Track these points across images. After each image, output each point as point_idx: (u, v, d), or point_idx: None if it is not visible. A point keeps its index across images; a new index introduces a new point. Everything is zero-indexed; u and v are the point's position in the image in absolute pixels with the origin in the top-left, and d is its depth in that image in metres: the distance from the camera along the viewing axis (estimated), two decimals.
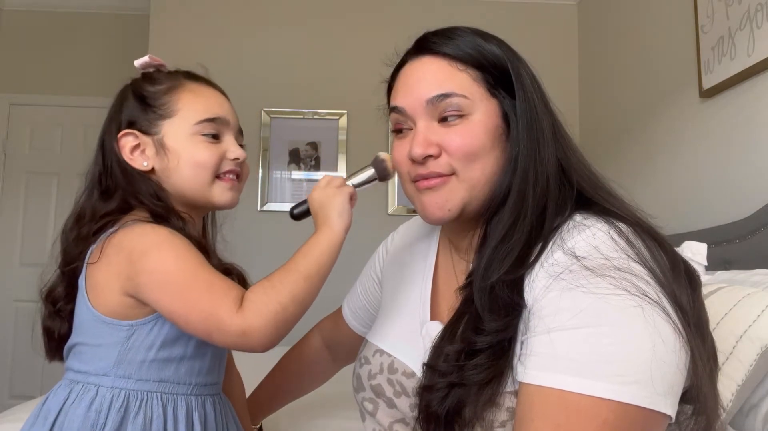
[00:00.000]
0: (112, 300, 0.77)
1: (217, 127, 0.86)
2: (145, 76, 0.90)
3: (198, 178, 0.84)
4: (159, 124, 0.84)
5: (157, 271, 0.74)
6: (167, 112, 0.85)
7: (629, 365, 0.55)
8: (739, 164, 1.79)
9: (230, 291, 0.72)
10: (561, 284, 0.61)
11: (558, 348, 0.58)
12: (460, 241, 0.80)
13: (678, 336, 0.58)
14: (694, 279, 0.67)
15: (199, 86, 0.89)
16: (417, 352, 0.75)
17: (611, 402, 0.54)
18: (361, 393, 0.83)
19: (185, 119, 0.84)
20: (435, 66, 0.73)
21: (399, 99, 0.75)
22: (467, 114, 0.71)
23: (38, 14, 3.58)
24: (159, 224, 0.78)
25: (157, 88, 0.86)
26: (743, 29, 1.73)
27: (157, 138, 0.84)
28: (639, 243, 0.63)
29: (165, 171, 0.84)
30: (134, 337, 0.77)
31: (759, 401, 0.97)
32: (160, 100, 0.85)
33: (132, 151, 0.84)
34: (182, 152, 0.83)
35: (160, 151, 0.84)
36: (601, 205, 0.70)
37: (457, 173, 0.71)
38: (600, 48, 2.91)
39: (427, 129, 0.72)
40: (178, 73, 0.90)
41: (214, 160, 0.84)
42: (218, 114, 0.86)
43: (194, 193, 0.85)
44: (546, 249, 0.66)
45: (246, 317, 0.70)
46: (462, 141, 0.70)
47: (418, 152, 0.71)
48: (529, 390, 0.59)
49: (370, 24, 3.10)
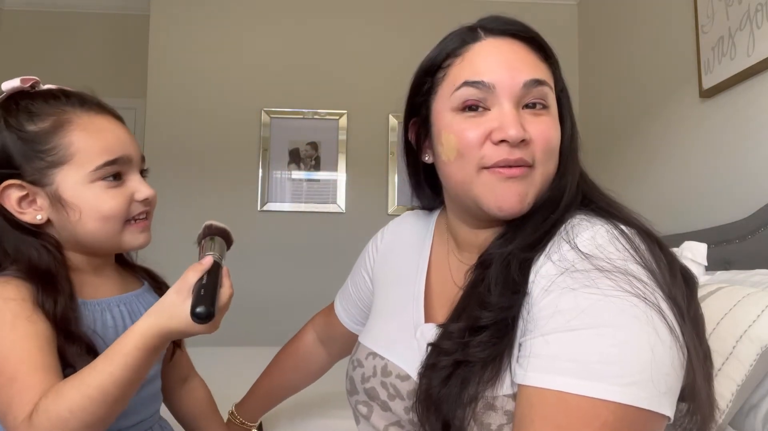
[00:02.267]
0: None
1: (119, 167, 0.76)
2: (16, 102, 0.75)
3: (105, 230, 0.75)
4: (50, 174, 0.73)
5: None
6: (58, 158, 0.73)
7: (629, 366, 0.55)
8: (739, 164, 1.79)
9: (29, 390, 0.62)
10: (561, 284, 0.61)
11: (557, 350, 0.58)
12: (472, 238, 0.77)
13: (675, 337, 0.58)
14: (690, 281, 0.67)
15: (90, 117, 0.76)
16: (411, 355, 0.74)
17: (611, 404, 0.54)
18: (354, 396, 0.82)
19: (81, 166, 0.73)
20: (524, 51, 0.70)
21: (486, 74, 0.67)
22: (549, 106, 0.69)
23: (38, 14, 3.58)
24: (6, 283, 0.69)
25: (39, 126, 0.73)
26: (743, 29, 1.73)
27: (49, 189, 0.73)
28: (639, 244, 0.64)
29: (63, 224, 0.75)
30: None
31: (759, 401, 0.97)
32: (47, 144, 0.72)
33: (19, 203, 0.73)
34: (83, 205, 0.73)
35: (56, 203, 0.73)
36: (601, 206, 0.70)
37: (536, 165, 0.68)
38: (600, 48, 2.91)
39: (518, 114, 0.67)
40: (58, 97, 0.76)
41: (122, 207, 0.76)
42: (119, 153, 0.75)
43: (101, 244, 0.77)
44: (552, 240, 0.66)
45: (32, 428, 0.61)
46: (549, 133, 0.68)
47: (514, 134, 0.65)
48: (529, 392, 0.58)
49: (371, 24, 3.10)
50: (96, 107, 0.78)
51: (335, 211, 3.05)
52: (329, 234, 2.99)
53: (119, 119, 0.80)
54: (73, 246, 0.77)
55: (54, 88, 0.78)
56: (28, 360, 0.64)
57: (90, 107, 0.77)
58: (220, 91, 3.02)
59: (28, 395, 0.62)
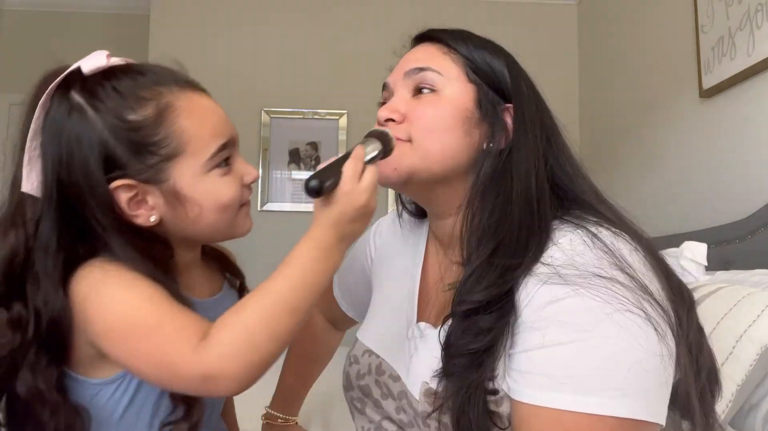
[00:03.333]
0: (76, 355, 0.65)
1: (229, 151, 0.69)
2: (101, 84, 0.64)
3: (223, 221, 0.68)
4: (165, 169, 0.64)
5: (100, 318, 0.60)
6: (171, 150, 0.64)
7: (621, 378, 0.55)
8: (739, 164, 1.79)
9: (184, 329, 0.57)
10: (546, 295, 0.60)
11: (548, 365, 0.57)
12: (442, 229, 0.79)
13: (665, 344, 0.58)
14: (683, 291, 0.67)
15: (188, 98, 0.67)
16: (403, 354, 0.74)
17: (607, 418, 0.54)
18: (349, 392, 0.83)
19: (196, 155, 0.65)
20: (424, 48, 0.78)
21: (389, 77, 0.79)
22: (438, 89, 0.73)
23: (38, 14, 3.58)
24: (116, 260, 0.63)
25: (141, 114, 0.63)
26: (743, 29, 1.73)
27: (165, 186, 0.64)
28: (625, 252, 0.62)
29: (179, 220, 0.67)
30: (99, 396, 0.65)
31: (759, 401, 0.97)
32: (156, 135, 0.63)
33: (129, 204, 0.64)
34: (202, 197, 0.66)
35: (172, 200, 0.65)
36: (590, 212, 0.69)
37: (413, 140, 0.72)
38: (600, 48, 2.91)
39: (399, 98, 0.75)
40: (145, 74, 0.66)
41: (239, 194, 0.69)
42: (228, 135, 0.69)
43: (215, 236, 0.72)
44: (530, 253, 0.64)
45: (205, 359, 0.55)
46: (424, 110, 0.72)
47: (382, 114, 0.74)
48: (525, 409, 0.58)
49: (371, 24, 3.10)
50: (189, 84, 0.69)
51: None
52: None
53: (210, 97, 0.71)
54: (181, 242, 0.70)
55: (134, 64, 0.68)
56: (162, 305, 0.60)
57: (184, 85, 0.68)
58: (220, 91, 2.99)
59: (185, 333, 0.57)
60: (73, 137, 0.63)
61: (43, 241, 0.63)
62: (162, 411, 0.67)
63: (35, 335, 0.61)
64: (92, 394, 0.65)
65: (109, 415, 0.65)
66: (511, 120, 0.72)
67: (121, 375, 0.66)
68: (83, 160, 0.62)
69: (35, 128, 0.64)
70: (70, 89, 0.64)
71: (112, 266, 0.62)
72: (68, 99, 0.64)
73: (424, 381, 0.67)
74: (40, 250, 0.63)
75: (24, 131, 0.65)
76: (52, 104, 0.64)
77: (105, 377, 0.65)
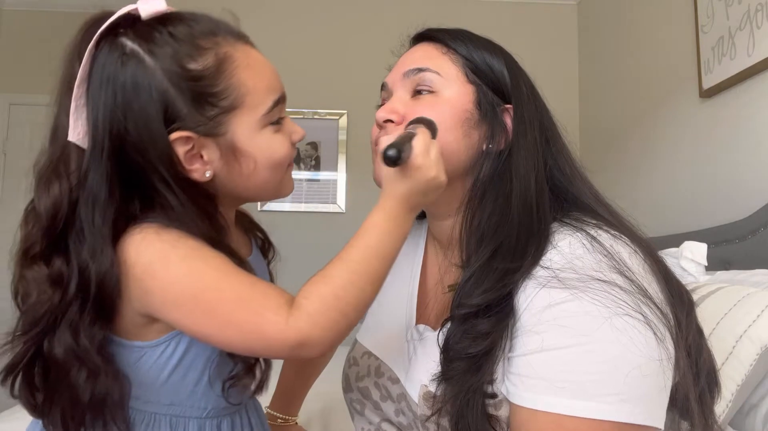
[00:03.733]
0: (121, 319, 0.62)
1: (281, 106, 0.67)
2: (158, 30, 0.60)
3: (274, 179, 0.67)
4: (224, 122, 0.62)
5: (168, 290, 0.58)
6: (231, 103, 0.62)
7: (621, 382, 0.55)
8: (738, 164, 1.79)
9: (269, 299, 0.57)
10: (545, 299, 0.60)
11: (547, 369, 0.57)
12: (441, 235, 0.79)
13: (663, 348, 0.58)
14: (682, 293, 0.67)
15: (245, 50, 0.65)
16: (402, 357, 0.74)
17: (606, 423, 0.54)
18: (349, 393, 0.83)
19: (253, 109, 0.63)
20: (423, 48, 0.78)
21: (387, 77, 0.79)
22: (437, 90, 0.73)
23: (38, 14, 3.58)
24: (168, 226, 0.60)
25: (202, 64, 0.60)
26: (743, 29, 1.73)
27: (222, 140, 0.62)
28: (624, 254, 0.62)
29: (232, 176, 0.65)
30: (145, 359, 0.64)
31: (759, 401, 0.97)
32: (217, 86, 0.61)
33: (186, 157, 0.61)
34: (258, 153, 0.64)
35: (228, 155, 0.63)
36: (589, 214, 0.69)
37: None
38: (600, 48, 2.91)
39: (397, 99, 0.75)
40: (199, 22, 0.63)
41: (290, 152, 0.67)
42: (281, 91, 0.67)
43: (262, 194, 0.69)
44: (530, 256, 0.64)
45: (301, 329, 0.56)
46: (422, 112, 0.71)
47: (380, 115, 0.74)
48: (523, 413, 0.58)
49: (371, 24, 3.10)
50: (243, 37, 0.66)
51: (335, 211, 3.05)
52: (329, 234, 2.99)
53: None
54: (227, 201, 0.68)
55: (186, 11, 0.64)
56: (236, 276, 0.59)
57: (239, 37, 0.65)
58: None
59: (271, 302, 0.57)
60: (129, 85, 0.59)
61: (90, 194, 0.59)
62: (213, 370, 0.66)
63: (78, 293, 0.59)
64: (137, 357, 0.63)
65: (154, 378, 0.64)
66: (511, 121, 0.72)
67: (169, 336, 0.63)
68: (142, 110, 0.59)
69: (82, 75, 0.60)
70: (120, 35, 0.60)
71: (168, 234, 0.59)
72: (120, 45, 0.60)
73: (423, 384, 0.67)
74: (88, 203, 0.59)
75: (65, 78, 0.61)
76: (100, 50, 0.60)
77: (151, 340, 0.63)
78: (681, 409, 0.62)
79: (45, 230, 0.60)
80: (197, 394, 0.66)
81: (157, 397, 0.65)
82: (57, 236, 0.60)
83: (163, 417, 0.65)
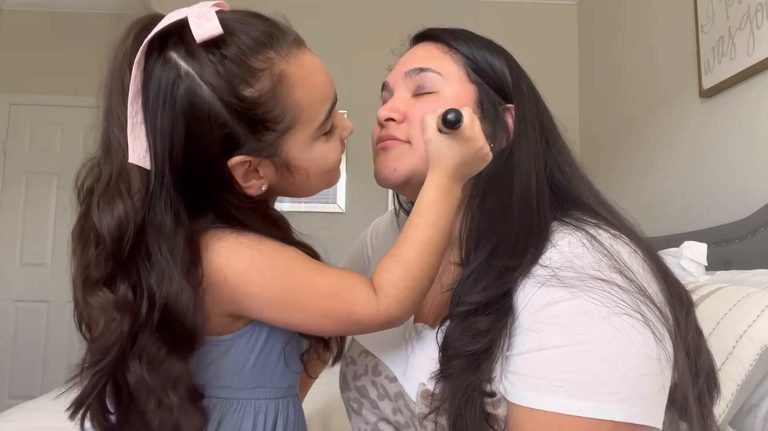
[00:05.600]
0: (210, 322, 0.62)
1: (334, 112, 0.67)
2: (211, 51, 0.57)
3: (326, 182, 0.70)
4: (280, 143, 0.62)
5: (265, 294, 0.61)
6: (287, 125, 0.61)
7: (619, 382, 0.55)
8: (739, 164, 1.79)
9: (358, 288, 0.62)
10: (544, 297, 0.60)
11: (544, 368, 0.57)
12: None
13: (662, 348, 0.58)
14: (681, 293, 0.67)
15: (298, 60, 0.62)
16: (400, 356, 0.74)
17: (604, 422, 0.54)
18: (346, 392, 0.82)
19: (307, 124, 0.63)
20: (424, 48, 0.78)
21: (389, 77, 0.79)
22: (439, 90, 0.73)
23: (38, 14, 3.58)
24: (242, 231, 0.62)
25: (258, 89, 0.58)
26: (743, 29, 1.73)
27: (278, 159, 0.63)
28: (624, 254, 0.62)
29: (284, 186, 0.67)
30: (232, 350, 0.65)
31: (759, 401, 0.97)
32: (273, 110, 0.60)
33: (244, 177, 0.62)
34: (310, 165, 0.65)
35: (283, 170, 0.64)
36: (588, 213, 0.69)
37: (412, 142, 0.72)
38: (600, 48, 2.91)
39: (399, 98, 0.75)
40: (253, 35, 0.59)
41: (340, 155, 0.70)
42: (333, 96, 0.66)
43: (311, 194, 0.72)
44: (529, 255, 0.64)
45: (388, 309, 0.62)
46: (423, 111, 0.71)
47: (381, 114, 0.74)
48: (521, 412, 0.58)
49: (371, 24, 3.11)
50: (296, 41, 0.63)
51: (335, 211, 3.05)
52: (329, 234, 2.97)
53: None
54: (274, 199, 0.71)
55: (234, 19, 0.59)
56: (320, 268, 0.64)
57: (292, 43, 0.62)
58: None
59: (357, 290, 0.62)
60: (188, 112, 0.57)
61: (155, 224, 0.58)
62: (290, 349, 0.69)
63: (148, 319, 0.57)
64: (225, 350, 0.65)
65: (243, 364, 0.66)
66: (512, 120, 0.72)
67: (253, 324, 0.65)
68: (202, 139, 0.58)
69: (134, 89, 0.57)
70: (170, 47, 0.57)
71: (247, 238, 0.61)
72: (175, 65, 0.57)
73: (421, 383, 0.67)
74: (153, 232, 0.58)
75: (115, 87, 0.59)
76: (153, 65, 0.57)
77: (235, 331, 0.65)
78: (680, 409, 0.62)
79: (110, 254, 0.57)
80: (277, 374, 0.69)
81: (246, 383, 0.67)
82: (123, 260, 0.58)
83: (249, 402, 0.68)
